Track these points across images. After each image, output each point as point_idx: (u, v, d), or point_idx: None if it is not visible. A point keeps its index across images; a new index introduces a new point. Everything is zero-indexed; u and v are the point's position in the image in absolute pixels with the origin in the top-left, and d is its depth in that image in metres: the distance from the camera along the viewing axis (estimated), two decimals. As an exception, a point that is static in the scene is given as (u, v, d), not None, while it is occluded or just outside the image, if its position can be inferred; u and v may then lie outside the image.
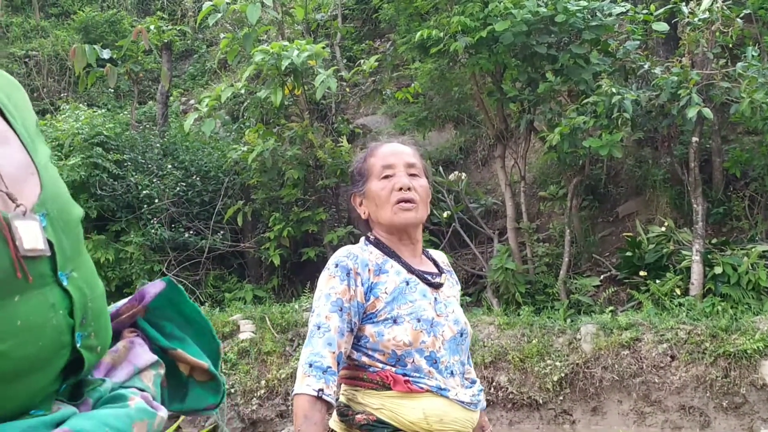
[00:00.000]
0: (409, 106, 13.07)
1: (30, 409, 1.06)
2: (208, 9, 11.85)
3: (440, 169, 12.48)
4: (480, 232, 12.25)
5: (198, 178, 12.73)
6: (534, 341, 9.66)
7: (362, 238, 2.80)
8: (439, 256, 2.93)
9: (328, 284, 2.61)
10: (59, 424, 1.04)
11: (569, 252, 11.05)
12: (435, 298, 2.70)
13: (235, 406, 9.63)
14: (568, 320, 10.02)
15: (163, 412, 1.18)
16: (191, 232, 12.33)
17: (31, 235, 1.06)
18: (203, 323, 1.39)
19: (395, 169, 2.73)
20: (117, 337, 1.27)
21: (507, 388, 9.54)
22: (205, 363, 1.34)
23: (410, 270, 2.69)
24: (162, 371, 1.26)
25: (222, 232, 12.42)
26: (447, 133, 13.78)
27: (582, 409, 9.44)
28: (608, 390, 9.40)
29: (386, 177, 2.72)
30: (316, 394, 2.46)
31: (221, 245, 12.37)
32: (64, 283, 1.12)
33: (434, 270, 2.80)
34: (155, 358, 1.26)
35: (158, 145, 13.16)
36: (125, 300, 1.32)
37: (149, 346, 1.29)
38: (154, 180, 12.44)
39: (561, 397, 9.46)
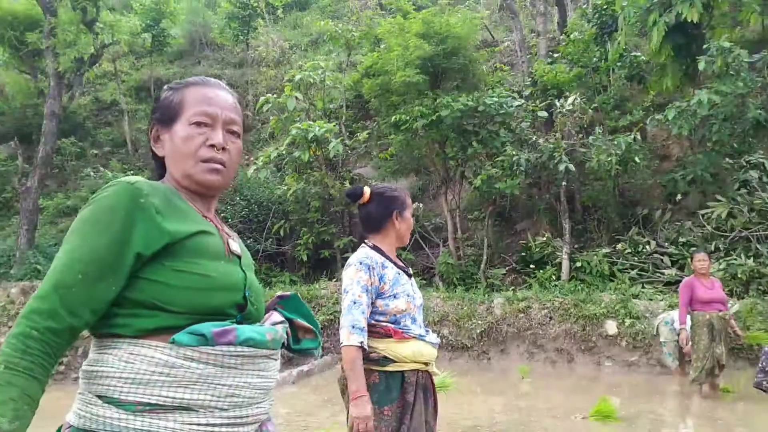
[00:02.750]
0: (387, 162, 13.15)
1: (223, 317, 1.36)
2: (263, 101, 11.95)
3: (407, 201, 12.56)
4: (431, 240, 12.30)
5: (256, 206, 12.70)
6: (465, 308, 9.71)
7: (364, 245, 2.76)
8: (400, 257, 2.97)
9: (357, 275, 2.59)
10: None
11: (486, 253, 11.10)
12: (411, 283, 2.73)
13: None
14: (486, 295, 10.07)
15: (282, 331, 1.47)
16: (251, 239, 12.27)
17: (234, 246, 1.48)
18: (310, 314, 1.61)
19: (410, 210, 2.80)
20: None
21: (448, 337, 9.57)
22: (311, 326, 1.59)
23: (397, 266, 2.71)
24: (286, 326, 1.52)
25: (270, 240, 12.42)
26: (411, 179, 13.86)
27: (494, 351, 9.48)
28: (511, 338, 9.45)
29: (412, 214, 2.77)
30: (359, 345, 2.48)
31: (270, 248, 12.36)
32: (243, 269, 1.46)
33: (404, 266, 2.81)
34: (282, 318, 1.53)
35: (231, 185, 13.10)
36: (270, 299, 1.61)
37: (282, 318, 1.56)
38: (228, 207, 12.45)
39: (481, 343, 9.50)
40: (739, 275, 9.10)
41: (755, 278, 9.16)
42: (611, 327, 8.97)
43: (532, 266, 10.80)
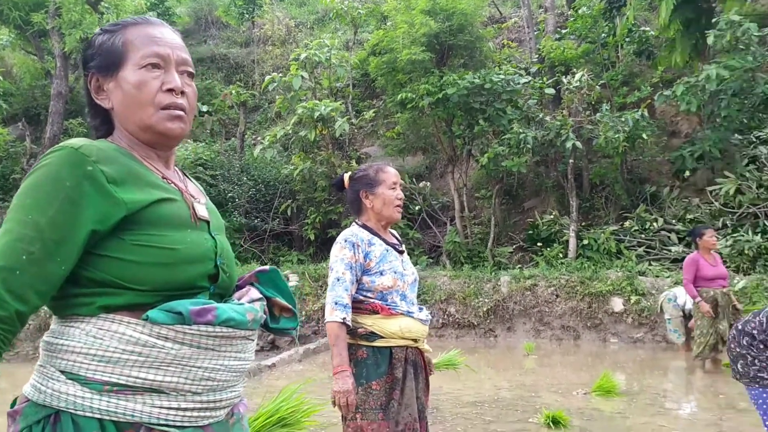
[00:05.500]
0: (394, 140, 13.18)
1: (194, 291, 1.26)
2: (269, 80, 11.97)
3: (414, 179, 12.62)
4: (438, 219, 12.35)
5: (263, 186, 12.77)
6: (471, 286, 9.79)
7: (354, 224, 2.79)
8: (395, 233, 2.94)
9: (341, 252, 2.63)
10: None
11: (493, 231, 11.15)
12: (402, 260, 2.74)
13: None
14: (492, 273, 10.15)
15: (260, 312, 1.35)
16: (258, 219, 12.39)
17: (201, 211, 1.35)
18: (287, 290, 1.47)
19: (397, 185, 2.77)
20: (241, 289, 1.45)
21: (455, 315, 9.67)
22: (289, 305, 1.45)
23: (386, 243, 2.73)
24: (264, 303, 1.39)
25: (278, 219, 12.49)
26: (418, 157, 13.89)
27: (501, 328, 9.58)
28: (517, 316, 9.54)
29: (392, 189, 2.75)
30: (341, 321, 2.53)
31: (277, 227, 12.44)
32: (213, 235, 1.35)
33: (397, 243, 2.82)
34: (261, 296, 1.40)
35: (238, 165, 13.21)
36: (246, 274, 1.48)
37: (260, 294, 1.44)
38: (235, 187, 12.54)
39: (488, 321, 9.59)
40: (746, 251, 9.12)
41: (762, 254, 9.18)
42: (617, 304, 9.04)
43: (539, 244, 10.85)
